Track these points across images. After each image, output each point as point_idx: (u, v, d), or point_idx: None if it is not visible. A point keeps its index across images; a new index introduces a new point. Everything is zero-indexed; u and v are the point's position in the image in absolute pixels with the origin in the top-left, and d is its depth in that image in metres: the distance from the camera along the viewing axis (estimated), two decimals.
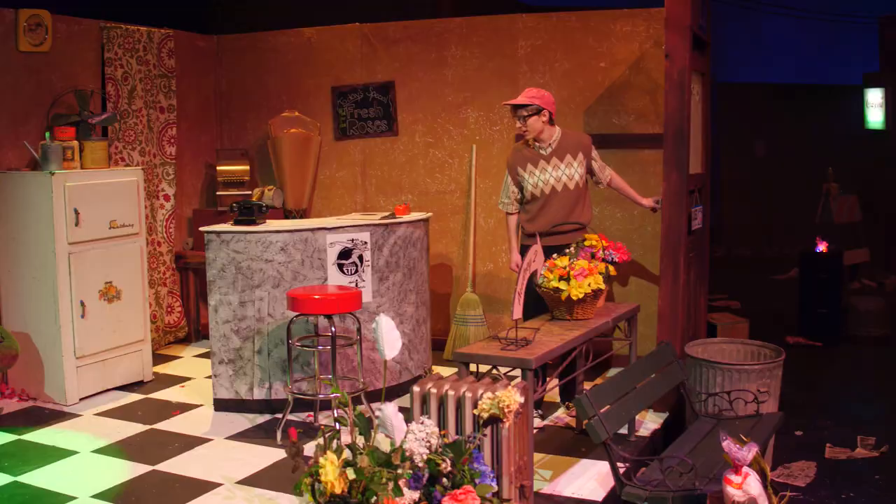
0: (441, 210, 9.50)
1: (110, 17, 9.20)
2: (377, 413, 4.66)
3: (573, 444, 6.80)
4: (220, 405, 7.70)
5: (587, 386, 7.35)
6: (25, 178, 7.92)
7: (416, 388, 5.18)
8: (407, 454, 4.55)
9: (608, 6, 8.80)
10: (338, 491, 4.41)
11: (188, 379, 8.72)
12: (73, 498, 5.97)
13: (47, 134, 8.00)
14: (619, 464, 5.13)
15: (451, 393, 5.05)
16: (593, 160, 7.44)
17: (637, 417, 6.87)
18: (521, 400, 4.87)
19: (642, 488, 4.95)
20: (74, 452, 6.82)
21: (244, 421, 7.46)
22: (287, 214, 9.76)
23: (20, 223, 7.92)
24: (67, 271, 7.80)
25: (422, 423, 4.67)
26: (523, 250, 7.30)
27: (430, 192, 9.61)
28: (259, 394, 7.61)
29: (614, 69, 8.76)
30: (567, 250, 6.69)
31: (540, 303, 6.79)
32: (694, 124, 7.67)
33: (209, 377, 8.30)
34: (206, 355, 9.49)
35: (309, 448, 6.10)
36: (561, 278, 6.27)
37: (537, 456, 6.35)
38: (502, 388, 4.92)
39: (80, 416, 7.69)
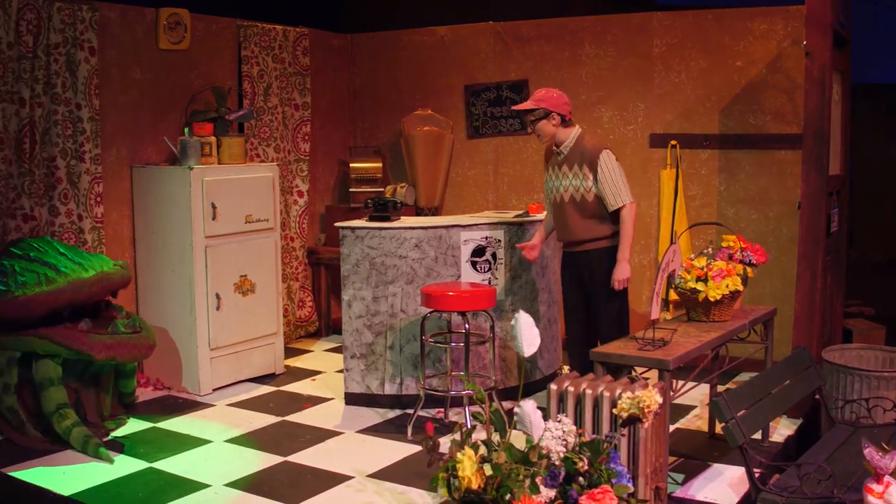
0: None
1: (247, 16, 9.35)
2: (516, 409, 4.64)
3: (705, 447, 6.71)
4: (351, 399, 7.77)
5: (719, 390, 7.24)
6: (164, 172, 8.09)
7: (553, 386, 5.15)
8: (544, 452, 4.52)
9: (745, 4, 8.65)
10: (474, 486, 4.39)
11: (319, 373, 8.82)
12: (207, 485, 6.08)
13: (186, 129, 8.16)
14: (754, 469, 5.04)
15: (588, 392, 5.01)
16: (597, 176, 6.72)
17: (770, 423, 6.74)
18: (661, 400, 4.82)
19: (778, 494, 4.85)
20: (207, 441, 6.96)
21: (374, 415, 7.51)
22: (419, 212, 9.81)
23: (159, 217, 8.10)
24: (204, 264, 7.94)
25: (559, 420, 4.64)
26: (565, 257, 7.11)
27: None
28: (390, 389, 7.66)
29: (751, 68, 8.61)
30: (705, 251, 6.59)
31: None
32: (833, 124, 7.50)
33: (340, 371, 8.38)
34: (336, 350, 9.60)
35: (442, 444, 6.11)
36: (699, 279, 6.17)
37: (669, 459, 6.28)
38: (640, 388, 4.87)
39: (213, 406, 7.83)
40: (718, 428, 6.73)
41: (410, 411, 7.29)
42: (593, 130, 8.82)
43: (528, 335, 4.69)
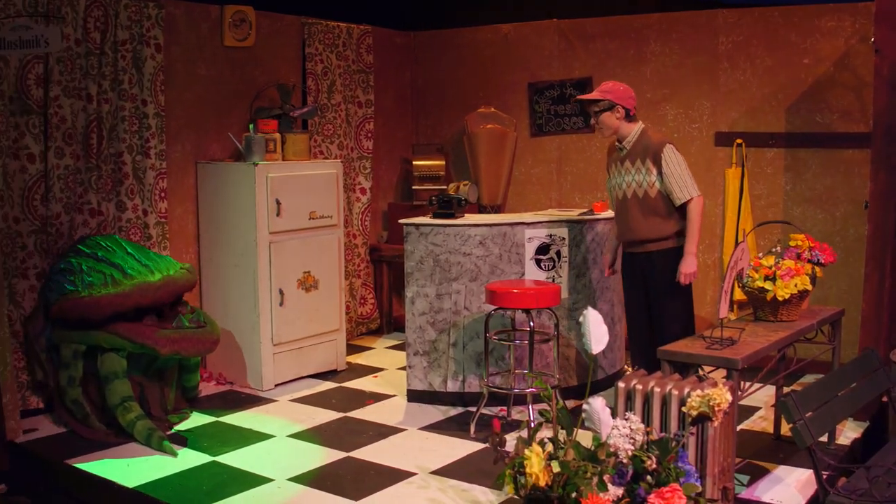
0: None
1: (311, 13, 9.38)
2: (584, 407, 4.61)
3: (770, 449, 6.62)
4: (413, 396, 7.77)
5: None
6: (229, 168, 8.13)
7: (620, 384, 5.11)
8: (612, 450, 4.49)
9: (812, 1, 8.54)
10: (541, 483, 4.37)
11: (381, 369, 8.83)
12: (270, 480, 6.10)
13: (251, 126, 8.19)
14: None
15: (656, 390, 4.97)
16: (662, 170, 6.63)
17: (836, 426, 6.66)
18: (731, 399, 4.76)
19: (847, 497, 4.77)
20: (270, 436, 6.98)
21: (437, 412, 7.51)
22: (482, 209, 9.77)
23: (223, 212, 8.14)
24: (268, 260, 7.97)
25: (627, 418, 4.60)
26: (626, 258, 7.03)
27: None
28: (452, 386, 7.65)
29: (818, 66, 8.49)
30: (773, 249, 6.51)
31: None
32: None
33: (401, 368, 8.40)
34: (397, 347, 9.62)
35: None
36: (767, 278, 6.10)
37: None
38: (709, 387, 4.82)
39: (276, 401, 7.86)
40: (784, 429, 6.66)
41: (473, 409, 7.27)
42: (657, 128, 8.77)
43: (596, 332, 4.65)
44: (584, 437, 4.66)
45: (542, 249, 7.62)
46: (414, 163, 10.23)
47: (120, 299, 6.76)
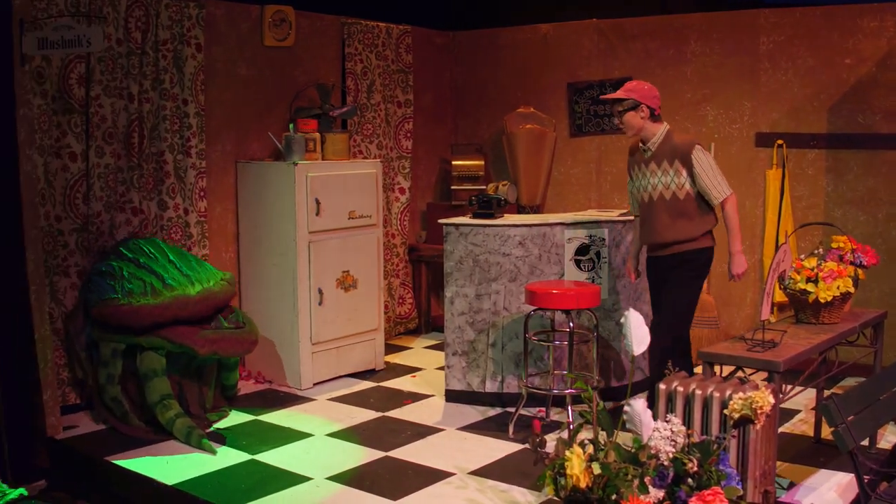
0: None
1: (351, 13, 9.39)
2: (626, 409, 4.59)
3: (810, 453, 6.57)
4: (452, 396, 7.77)
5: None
6: (269, 168, 8.16)
7: (661, 386, 5.09)
8: (653, 452, 4.47)
9: (854, 0, 8.46)
10: (582, 485, 4.36)
11: (419, 369, 8.83)
12: (309, 478, 6.13)
13: (291, 125, 8.21)
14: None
15: (698, 392, 4.95)
16: (694, 171, 6.57)
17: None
18: (773, 401, 4.73)
19: (888, 502, 4.73)
20: (309, 435, 7.01)
21: (475, 413, 7.50)
22: (521, 210, 9.75)
23: (262, 212, 8.17)
24: (307, 259, 7.99)
25: (668, 420, 4.58)
26: (650, 262, 6.97)
27: None
28: (491, 387, 7.64)
29: (860, 66, 8.41)
30: (815, 251, 6.46)
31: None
32: None
33: (440, 368, 8.40)
34: (435, 347, 9.62)
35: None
36: (809, 280, 6.05)
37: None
38: (751, 389, 4.79)
39: (314, 400, 7.88)
40: (825, 433, 6.61)
41: (511, 409, 7.27)
42: (698, 129, 8.74)
43: (637, 333, 4.63)
44: (624, 439, 4.65)
45: (582, 250, 7.60)
46: (453, 163, 10.22)
47: (159, 311, 6.79)
